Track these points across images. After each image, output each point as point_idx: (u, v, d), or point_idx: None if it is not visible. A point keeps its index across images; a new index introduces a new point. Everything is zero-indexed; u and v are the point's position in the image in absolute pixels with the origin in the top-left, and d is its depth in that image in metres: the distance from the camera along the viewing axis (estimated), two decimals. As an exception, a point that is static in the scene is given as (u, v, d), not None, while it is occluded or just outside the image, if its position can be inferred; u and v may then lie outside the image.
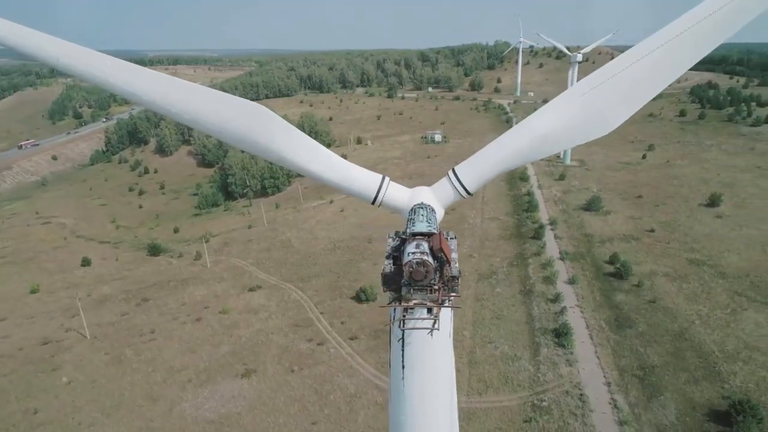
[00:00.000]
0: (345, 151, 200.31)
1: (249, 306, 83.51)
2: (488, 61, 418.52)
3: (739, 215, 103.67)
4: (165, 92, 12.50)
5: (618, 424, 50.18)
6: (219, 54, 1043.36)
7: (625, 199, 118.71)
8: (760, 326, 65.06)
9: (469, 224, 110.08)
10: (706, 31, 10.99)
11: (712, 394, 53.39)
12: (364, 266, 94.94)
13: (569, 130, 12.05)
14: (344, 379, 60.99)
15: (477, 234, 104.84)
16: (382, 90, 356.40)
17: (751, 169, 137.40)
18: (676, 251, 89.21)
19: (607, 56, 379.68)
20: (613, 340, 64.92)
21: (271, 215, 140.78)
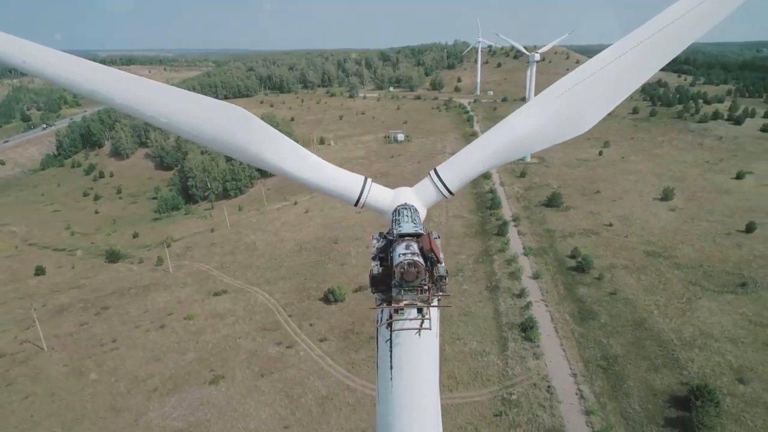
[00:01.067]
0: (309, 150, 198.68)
1: (215, 311, 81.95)
2: (448, 61, 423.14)
3: (691, 208, 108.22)
4: (139, 94, 12.16)
5: (584, 414, 51.64)
6: (174, 54, 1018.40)
7: (584, 194, 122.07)
8: (713, 314, 68.09)
9: (434, 222, 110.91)
10: (675, 34, 11.46)
11: (671, 380, 55.56)
12: (331, 267, 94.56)
13: (547, 130, 12.36)
14: (315, 382, 60.61)
15: (442, 232, 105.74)
16: (344, 90, 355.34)
17: (700, 163, 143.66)
18: (634, 244, 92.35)
19: (562, 56, 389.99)
20: (577, 332, 66.73)
21: (234, 218, 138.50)
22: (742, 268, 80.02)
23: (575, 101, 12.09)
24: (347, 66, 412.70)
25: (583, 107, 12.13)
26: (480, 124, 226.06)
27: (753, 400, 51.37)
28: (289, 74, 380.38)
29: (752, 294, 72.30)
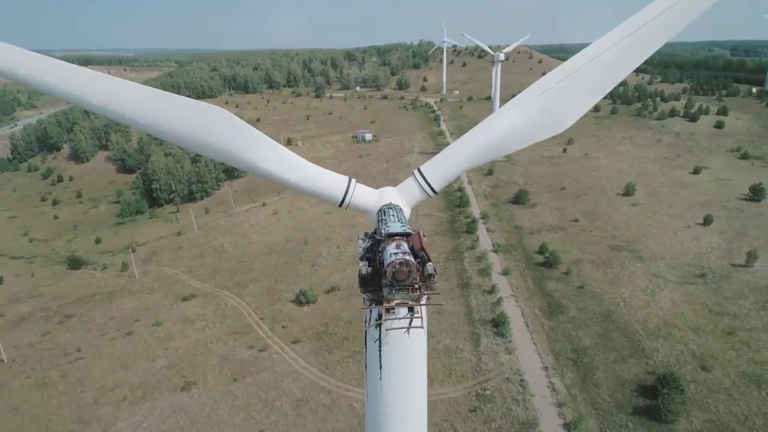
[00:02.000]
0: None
1: (184, 316, 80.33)
2: (414, 61, 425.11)
3: (652, 203, 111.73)
4: (116, 96, 11.86)
5: (557, 406, 52.73)
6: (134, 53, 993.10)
7: (550, 191, 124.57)
8: (676, 304, 70.52)
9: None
10: (650, 33, 11.87)
11: (638, 370, 57.29)
12: (302, 269, 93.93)
13: (528, 128, 12.62)
14: (290, 384, 60.07)
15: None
16: (310, 90, 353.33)
17: (659, 159, 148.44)
18: (599, 239, 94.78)
19: (526, 55, 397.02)
20: (547, 326, 68.08)
21: (202, 221, 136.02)
22: (701, 259, 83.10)
23: (555, 100, 12.39)
24: (313, 66, 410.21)
25: (562, 106, 12.44)
26: (447, 123, 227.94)
27: (715, 386, 53.44)
28: (254, 74, 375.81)
29: (711, 284, 75.15)
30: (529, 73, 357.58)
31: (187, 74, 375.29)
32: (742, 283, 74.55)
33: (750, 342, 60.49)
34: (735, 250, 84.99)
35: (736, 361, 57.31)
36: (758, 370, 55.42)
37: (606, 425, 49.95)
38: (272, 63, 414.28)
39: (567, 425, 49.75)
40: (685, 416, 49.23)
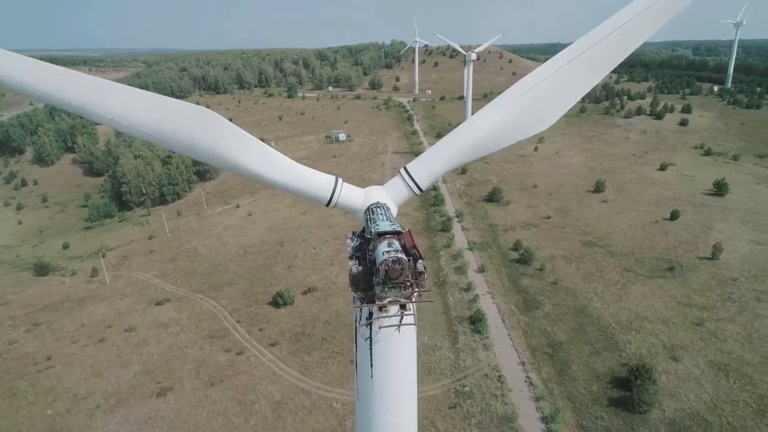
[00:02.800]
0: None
1: (157, 321, 78.85)
2: (386, 60, 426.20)
3: (621, 199, 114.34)
4: (97, 96, 11.63)
5: (534, 400, 53.58)
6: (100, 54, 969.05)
7: (523, 189, 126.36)
8: (646, 297, 72.36)
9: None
10: (628, 34, 12.22)
11: (612, 362, 58.61)
12: (278, 270, 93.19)
13: (512, 127, 12.85)
14: (268, 387, 59.57)
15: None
16: (282, 90, 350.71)
17: (627, 156, 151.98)
18: (571, 235, 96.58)
19: (496, 55, 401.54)
20: (523, 322, 69.10)
21: (174, 223, 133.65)
22: (669, 253, 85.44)
23: (537, 99, 12.64)
24: (285, 66, 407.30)
25: (544, 105, 12.71)
26: (420, 122, 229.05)
27: (686, 375, 55.06)
28: (225, 74, 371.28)
29: (679, 277, 77.35)
30: (500, 73, 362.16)
31: (156, 74, 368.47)
32: (709, 276, 76.92)
33: (717, 332, 62.50)
34: (701, 243, 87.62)
35: (705, 351, 59.15)
36: (726, 359, 57.31)
37: (582, 417, 50.97)
38: (243, 63, 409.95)
39: (545, 418, 50.62)
40: (658, 406, 50.60)
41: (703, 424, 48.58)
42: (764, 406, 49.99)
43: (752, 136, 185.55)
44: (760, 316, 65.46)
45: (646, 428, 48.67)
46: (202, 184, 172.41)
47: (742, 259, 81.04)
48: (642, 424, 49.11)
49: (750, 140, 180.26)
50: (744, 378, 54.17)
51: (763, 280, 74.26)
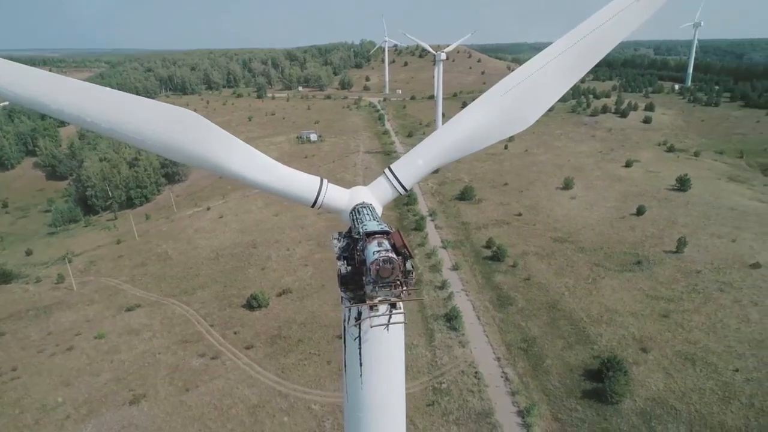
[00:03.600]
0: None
1: (128, 327, 77.09)
2: (355, 60, 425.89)
3: (589, 196, 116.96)
4: (76, 99, 11.38)
5: (510, 395, 54.46)
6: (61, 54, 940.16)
7: (494, 187, 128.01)
8: (615, 291, 74.26)
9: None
10: (605, 35, 12.61)
11: (584, 355, 59.98)
12: (252, 272, 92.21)
13: (493, 126, 13.12)
14: (245, 391, 58.94)
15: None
16: (251, 90, 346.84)
17: (594, 154, 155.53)
18: (542, 232, 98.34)
19: (465, 54, 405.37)
20: (498, 318, 70.08)
21: (142, 227, 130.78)
22: (637, 247, 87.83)
23: (518, 99, 12.93)
24: (253, 66, 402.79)
25: (526, 104, 13.01)
26: (391, 122, 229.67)
27: (655, 366, 56.76)
28: (192, 75, 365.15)
29: (646, 271, 79.59)
30: (468, 72, 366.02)
31: (120, 75, 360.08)
32: (674, 269, 79.37)
33: (683, 323, 64.58)
34: (666, 237, 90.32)
35: (672, 341, 61.07)
36: (692, 349, 59.28)
37: (557, 410, 52.03)
38: (210, 63, 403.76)
39: (521, 412, 51.51)
40: (629, 396, 52.02)
41: (673, 412, 50.18)
42: (729, 394, 51.92)
43: (712, 133, 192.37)
44: (723, 307, 67.92)
45: (619, 418, 50.00)
46: (171, 186, 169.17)
47: (704, 252, 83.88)
48: (614, 415, 50.44)
49: (710, 137, 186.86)
50: (709, 366, 56.14)
51: (725, 272, 77.02)
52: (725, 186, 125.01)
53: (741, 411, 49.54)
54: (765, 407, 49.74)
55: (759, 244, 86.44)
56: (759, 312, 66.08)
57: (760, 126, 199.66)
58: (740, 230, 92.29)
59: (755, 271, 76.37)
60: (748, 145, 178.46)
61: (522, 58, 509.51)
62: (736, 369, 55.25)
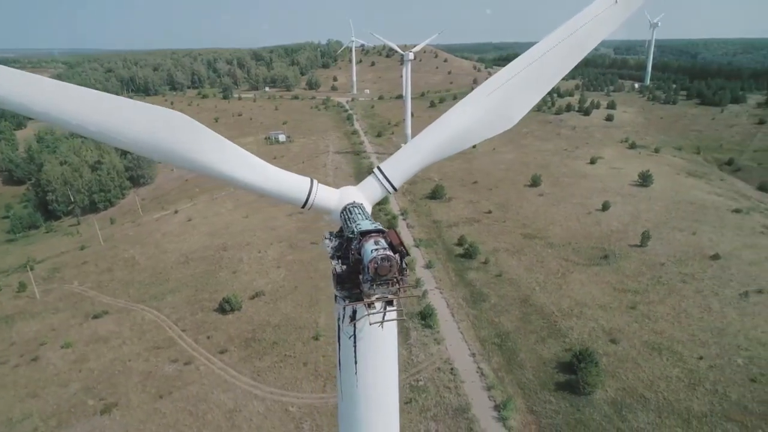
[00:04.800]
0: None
1: (96, 335, 75.06)
2: (322, 60, 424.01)
3: (556, 192, 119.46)
4: (62, 101, 11.17)
5: (486, 390, 55.30)
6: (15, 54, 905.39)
7: (464, 185, 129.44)
8: (584, 285, 76.17)
9: (325, 221, 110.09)
10: (585, 36, 13.08)
11: (557, 348, 61.36)
12: (223, 276, 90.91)
13: (479, 125, 13.44)
14: (220, 395, 58.16)
15: (334, 230, 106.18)
16: (217, 91, 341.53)
17: (559, 151, 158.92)
18: (512, 228, 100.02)
19: (431, 54, 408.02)
20: (472, 314, 71.02)
21: (107, 232, 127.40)
22: (603, 242, 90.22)
23: (503, 98, 13.28)
24: (218, 66, 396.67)
25: (510, 104, 13.36)
26: (360, 122, 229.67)
27: (624, 356, 58.52)
28: (155, 75, 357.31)
29: (613, 264, 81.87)
30: (435, 72, 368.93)
31: (79, 76, 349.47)
32: (639, 262, 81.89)
33: (650, 314, 66.75)
34: (631, 232, 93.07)
35: (640, 332, 63.05)
36: (658, 339, 61.34)
37: (532, 403, 53.12)
38: (174, 63, 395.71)
39: (497, 406, 52.37)
40: (601, 387, 53.49)
41: (642, 400, 51.85)
42: (694, 380, 53.96)
43: (670, 130, 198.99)
44: (686, 297, 70.48)
45: (591, 408, 51.37)
46: (136, 189, 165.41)
47: (667, 245, 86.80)
48: (587, 405, 51.79)
49: (669, 134, 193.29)
50: (675, 355, 58.21)
51: (687, 264, 79.90)
52: (684, 181, 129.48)
53: (706, 397, 51.57)
54: (728, 392, 51.91)
55: (717, 236, 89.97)
56: (719, 301, 68.82)
57: (715, 123, 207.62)
58: (700, 223, 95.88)
59: (715, 262, 79.43)
60: (704, 141, 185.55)
61: (486, 58, 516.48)
62: (700, 357, 57.42)
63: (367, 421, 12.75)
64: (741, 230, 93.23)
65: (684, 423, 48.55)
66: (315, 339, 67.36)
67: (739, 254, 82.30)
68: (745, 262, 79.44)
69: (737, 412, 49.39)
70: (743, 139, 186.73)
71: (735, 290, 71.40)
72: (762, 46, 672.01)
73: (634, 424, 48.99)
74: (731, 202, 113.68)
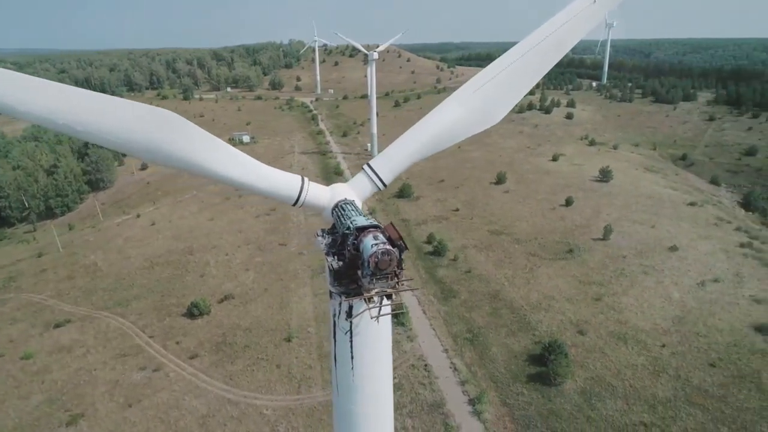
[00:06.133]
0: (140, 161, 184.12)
1: (59, 344, 72.52)
2: (285, 60, 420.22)
3: (521, 189, 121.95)
4: (47, 100, 10.89)
5: (460, 384, 56.08)
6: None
7: (431, 184, 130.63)
8: (551, 278, 78.03)
9: (293, 223, 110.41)
10: (565, 35, 13.55)
11: (527, 341, 62.71)
12: (190, 280, 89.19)
13: (466, 122, 13.78)
14: (192, 401, 57.09)
15: (303, 231, 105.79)
16: (177, 92, 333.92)
17: (523, 149, 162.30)
18: (479, 225, 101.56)
19: (395, 54, 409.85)
20: (443, 311, 71.83)
21: (66, 238, 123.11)
22: (568, 236, 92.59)
23: (489, 96, 13.64)
24: (178, 66, 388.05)
25: (495, 101, 13.74)
26: (325, 122, 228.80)
27: (591, 347, 60.29)
28: (111, 76, 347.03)
29: (578, 258, 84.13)
30: (399, 72, 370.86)
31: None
32: (603, 255, 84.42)
33: (614, 305, 68.95)
34: (593, 226, 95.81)
35: (606, 323, 65.07)
36: (623, 329, 63.43)
37: (505, 395, 54.14)
38: (131, 63, 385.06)
39: (471, 401, 53.16)
40: (571, 377, 54.98)
41: (610, 388, 53.56)
42: (658, 367, 56.07)
43: (627, 127, 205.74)
44: (648, 288, 73.09)
45: (562, 398, 52.75)
46: (95, 194, 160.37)
47: (628, 238, 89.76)
48: (558, 395, 53.16)
49: (626, 131, 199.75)
50: (640, 344, 60.32)
51: (648, 256, 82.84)
52: (642, 176, 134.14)
53: (669, 383, 53.66)
54: (690, 377, 54.16)
55: (675, 228, 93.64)
56: (679, 291, 71.69)
57: (669, 120, 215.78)
58: (658, 216, 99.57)
59: (673, 253, 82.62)
60: (659, 137, 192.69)
61: (449, 58, 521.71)
62: (663, 344, 59.68)
63: (363, 415, 12.90)
64: (696, 222, 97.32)
65: (650, 408, 50.40)
66: (287, 341, 66.89)
67: (695, 245, 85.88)
68: (701, 253, 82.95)
69: (699, 396, 51.60)
70: (695, 135, 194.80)
71: (693, 280, 74.52)
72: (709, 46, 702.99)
73: (603, 411, 50.57)
74: (686, 195, 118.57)
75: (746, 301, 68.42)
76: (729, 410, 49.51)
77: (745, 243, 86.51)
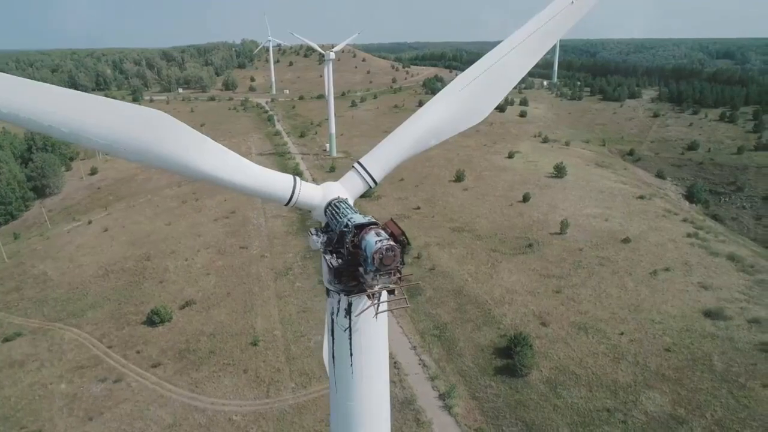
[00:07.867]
0: (95, 163, 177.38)
1: (9, 359, 69.01)
2: (238, 60, 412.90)
3: (479, 186, 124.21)
4: (33, 100, 10.47)
5: (430, 380, 56.72)
6: None
7: (391, 183, 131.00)
8: (513, 273, 79.87)
9: (253, 225, 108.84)
10: (547, 33, 14.04)
11: (492, 335, 64.00)
12: (149, 286, 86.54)
13: (454, 119, 14.09)
14: (157, 411, 55.50)
15: (264, 233, 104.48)
16: (125, 93, 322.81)
17: (480, 147, 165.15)
18: (440, 223, 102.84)
19: (350, 54, 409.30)
20: (409, 308, 72.33)
21: (11, 248, 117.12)
22: (526, 232, 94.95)
23: (476, 93, 13.99)
24: (126, 67, 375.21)
25: (481, 98, 14.10)
26: (281, 123, 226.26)
27: (554, 338, 62.10)
28: (54, 77, 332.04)
29: (537, 252, 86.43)
30: (354, 72, 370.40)
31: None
32: (560, 248, 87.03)
33: (574, 297, 71.25)
34: (550, 221, 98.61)
35: (567, 314, 67.15)
36: (583, 319, 65.63)
37: (474, 389, 55.11)
38: (75, 64, 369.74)
39: (441, 396, 53.86)
40: (536, 368, 56.51)
41: (573, 377, 55.34)
42: (618, 355, 58.34)
43: (578, 124, 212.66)
44: (604, 279, 75.89)
45: (529, 389, 54.14)
46: (41, 201, 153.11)
47: (584, 232, 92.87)
48: (525, 386, 54.52)
49: (577, 128, 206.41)
50: (599, 333, 62.56)
51: (602, 248, 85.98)
52: (594, 171, 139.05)
53: (629, 368, 55.91)
54: (647, 363, 56.59)
55: (626, 221, 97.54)
56: (633, 281, 74.74)
57: (616, 117, 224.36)
58: (610, 210, 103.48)
59: (626, 245, 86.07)
60: (608, 134, 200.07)
61: (404, 57, 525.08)
62: (621, 332, 62.10)
63: (362, 411, 13.00)
64: (645, 215, 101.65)
65: (612, 394, 52.39)
66: (253, 345, 65.94)
67: (646, 237, 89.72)
68: (651, 244, 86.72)
69: (656, 379, 54.00)
70: (641, 131, 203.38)
71: (645, 269, 77.81)
72: (651, 46, 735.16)
73: (569, 399, 52.22)
74: (635, 189, 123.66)
75: (695, 288, 72.06)
76: (684, 392, 52.04)
77: (691, 233, 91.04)
